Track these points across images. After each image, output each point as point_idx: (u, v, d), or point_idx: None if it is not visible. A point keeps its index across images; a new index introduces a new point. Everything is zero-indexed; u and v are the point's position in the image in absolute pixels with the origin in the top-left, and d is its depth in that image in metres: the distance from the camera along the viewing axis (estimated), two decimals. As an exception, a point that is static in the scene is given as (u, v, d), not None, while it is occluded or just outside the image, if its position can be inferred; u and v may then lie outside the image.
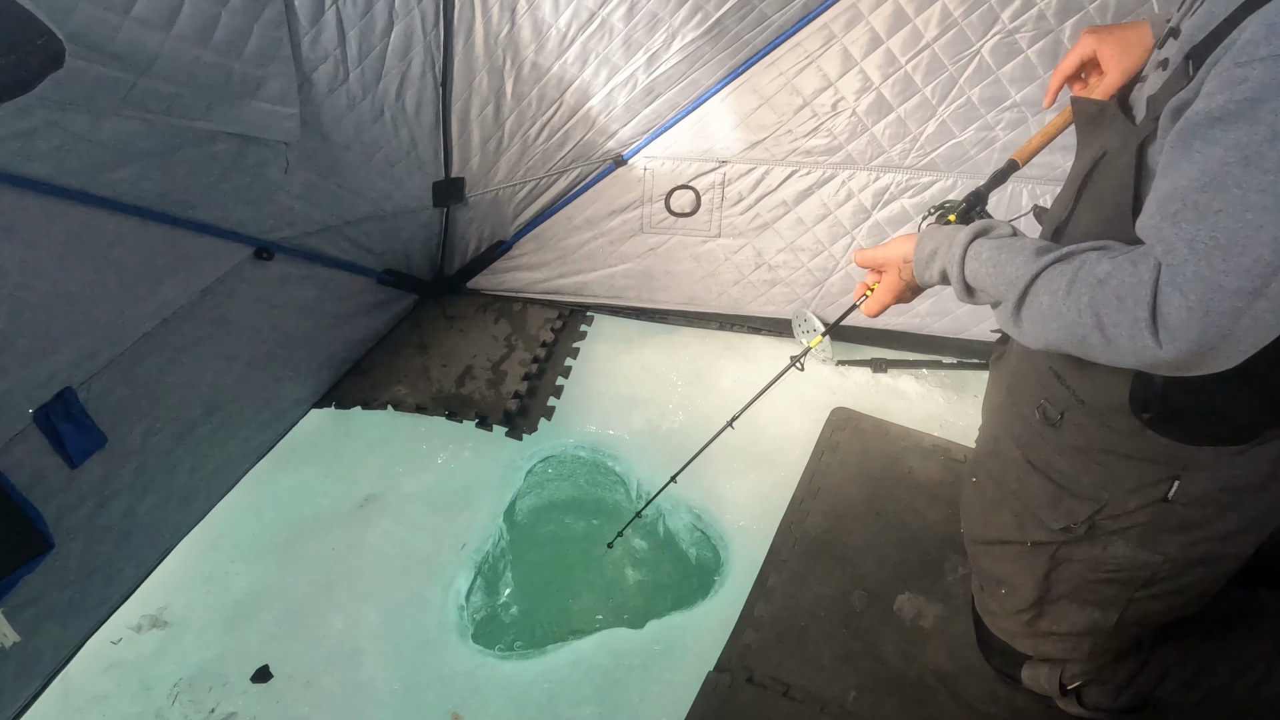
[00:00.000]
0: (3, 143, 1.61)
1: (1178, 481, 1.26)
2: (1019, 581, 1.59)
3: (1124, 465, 1.30)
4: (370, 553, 2.57)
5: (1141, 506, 1.31)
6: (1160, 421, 1.22)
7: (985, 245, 1.18)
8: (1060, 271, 1.04)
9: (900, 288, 1.45)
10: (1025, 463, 1.46)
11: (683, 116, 2.76)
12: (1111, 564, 1.41)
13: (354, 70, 2.18)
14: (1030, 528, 1.50)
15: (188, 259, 2.19)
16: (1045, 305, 1.05)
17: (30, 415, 1.88)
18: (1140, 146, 1.11)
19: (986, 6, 2.39)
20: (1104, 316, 0.97)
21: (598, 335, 3.27)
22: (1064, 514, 1.41)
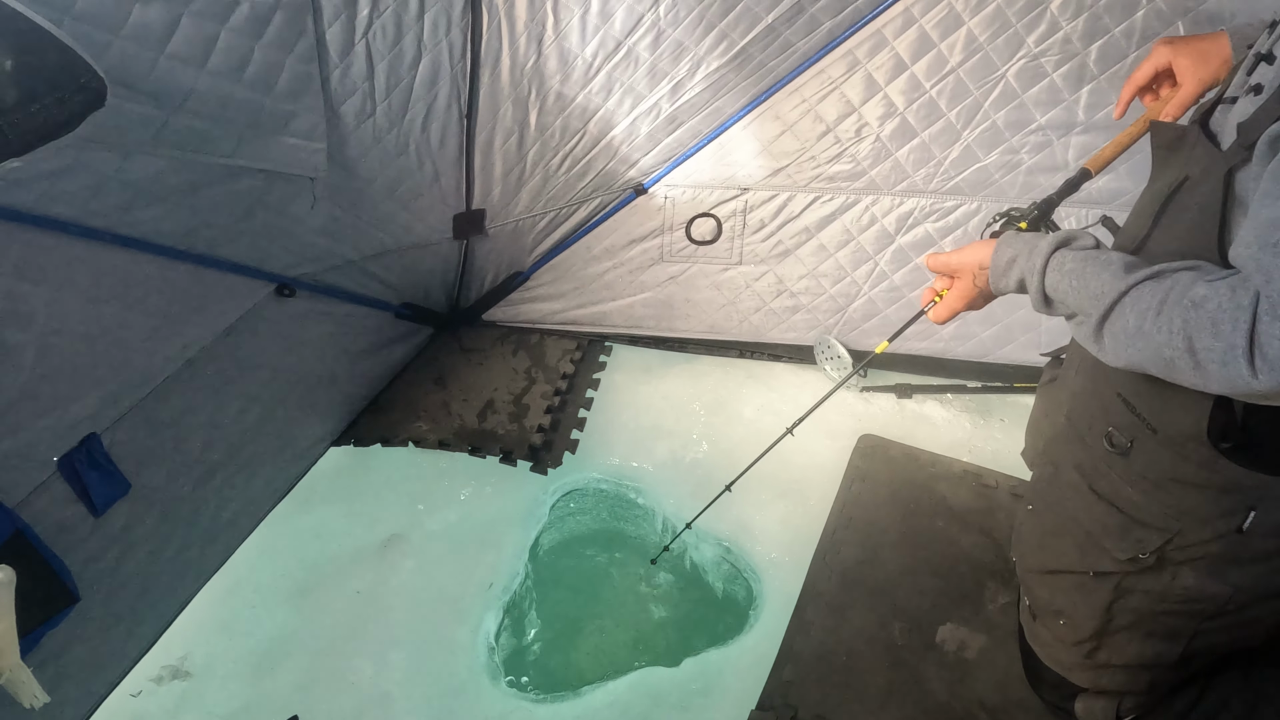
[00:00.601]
0: (30, 183, 1.56)
1: (1254, 512, 1.22)
2: (1079, 612, 1.55)
3: (1198, 495, 1.26)
4: (395, 595, 2.50)
5: (1214, 537, 1.28)
6: (1238, 451, 1.18)
7: (1069, 257, 1.16)
8: (1151, 290, 1.01)
9: (973, 295, 1.41)
10: (1089, 491, 1.42)
11: (705, 144, 2.74)
12: (1179, 595, 1.37)
13: (381, 103, 2.15)
14: (1094, 557, 1.45)
15: (211, 297, 2.14)
16: (1132, 324, 1.02)
17: (55, 463, 1.82)
18: (1229, 173, 1.08)
19: (1011, 31, 2.39)
20: (1196, 341, 0.94)
21: (617, 365, 3.22)
22: (1133, 544, 1.37)
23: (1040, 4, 2.34)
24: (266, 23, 1.72)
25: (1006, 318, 2.90)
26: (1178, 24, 2.30)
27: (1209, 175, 1.12)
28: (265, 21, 1.72)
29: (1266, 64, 1.08)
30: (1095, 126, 2.51)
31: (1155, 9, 2.29)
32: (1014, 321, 2.91)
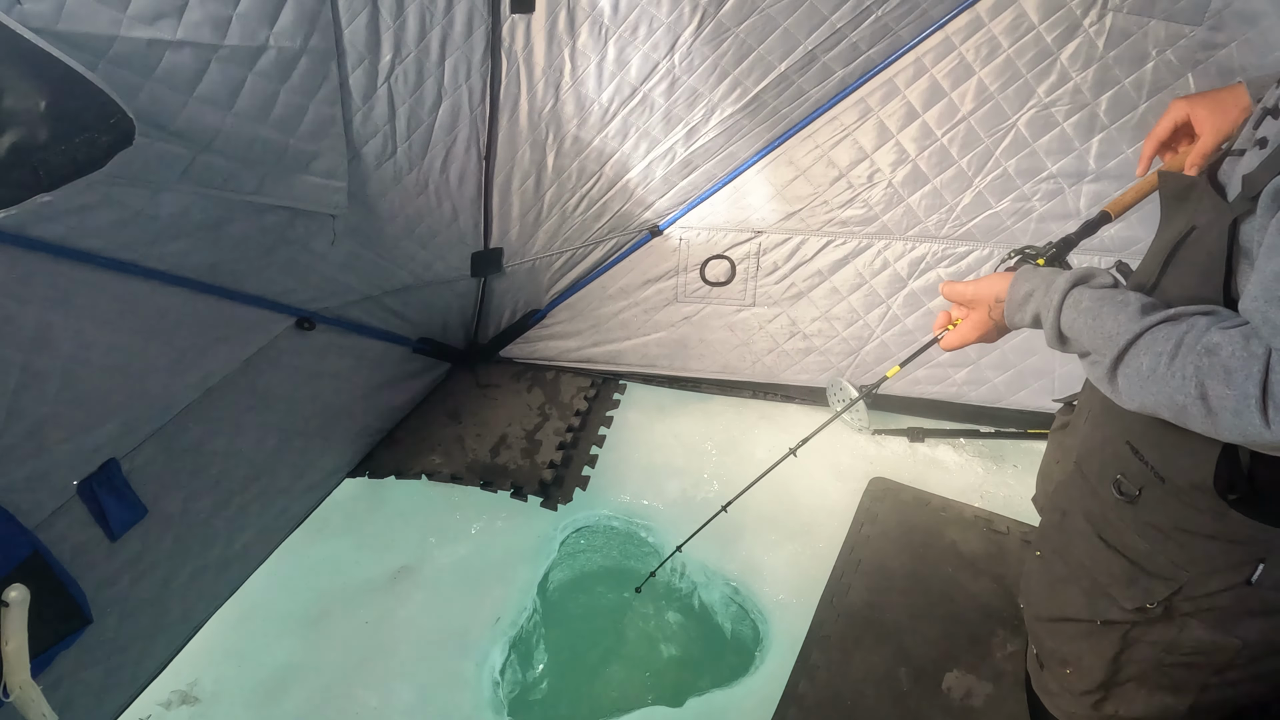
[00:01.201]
0: (62, 217, 1.63)
1: (1262, 565, 1.21)
2: (1086, 662, 1.53)
3: (1206, 545, 1.25)
4: (403, 627, 2.52)
5: (1223, 589, 1.26)
6: (1246, 502, 1.18)
7: (1086, 294, 1.16)
8: (1166, 334, 1.02)
9: (988, 327, 1.41)
10: (1098, 538, 1.42)
11: (719, 188, 2.79)
12: (1187, 647, 1.35)
13: (402, 144, 2.22)
14: (1102, 606, 1.44)
15: (233, 329, 2.20)
16: (1146, 367, 1.03)
17: (75, 487, 1.87)
18: (1234, 224, 1.10)
19: (1022, 81, 2.43)
20: (1209, 388, 0.95)
21: (631, 404, 3.25)
22: (1140, 593, 1.35)
23: (1050, 55, 2.38)
24: (292, 68, 1.80)
25: (1020, 363, 2.90)
26: (1187, 76, 2.33)
27: (1214, 226, 1.13)
28: (291, 67, 1.80)
29: (1272, 118, 1.10)
30: (1106, 175, 2.53)
31: (1165, 60, 2.32)
32: (1027, 368, 2.91)
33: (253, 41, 1.69)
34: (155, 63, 1.56)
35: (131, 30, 1.49)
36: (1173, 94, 2.36)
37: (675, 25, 2.29)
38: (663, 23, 2.28)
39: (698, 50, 2.36)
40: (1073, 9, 2.30)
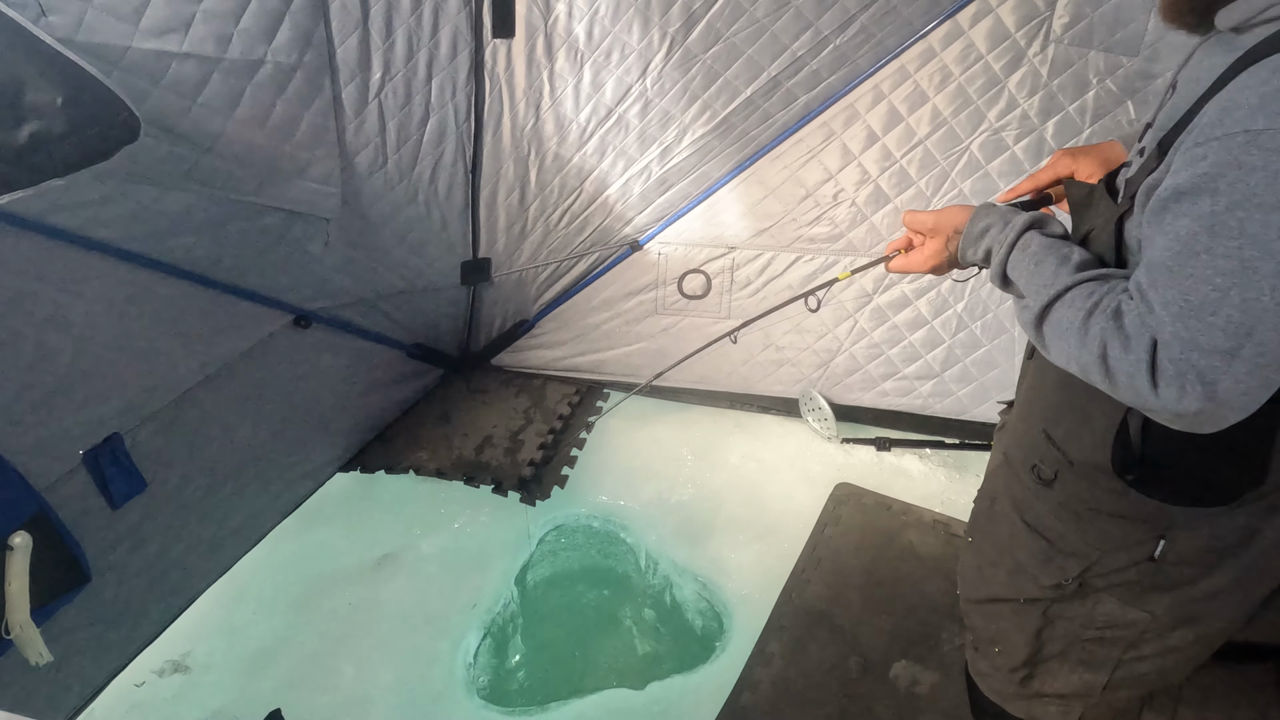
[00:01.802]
0: (79, 208, 1.83)
1: (1164, 541, 1.30)
2: (1012, 639, 1.62)
3: (1112, 524, 1.34)
4: (384, 608, 2.67)
5: (1130, 565, 1.35)
6: (1143, 482, 1.26)
7: (1035, 239, 1.20)
8: (1088, 291, 1.08)
9: (942, 259, 1.41)
10: (1021, 521, 1.50)
11: (694, 205, 2.97)
12: (1101, 621, 1.44)
13: (392, 156, 2.42)
14: (1024, 584, 1.53)
15: (232, 322, 2.39)
16: (1065, 320, 1.08)
17: (80, 456, 2.05)
18: (1119, 222, 1.18)
19: (973, 108, 2.60)
20: (1110, 350, 1.01)
21: (613, 411, 3.41)
22: (1056, 571, 1.44)
23: (998, 83, 2.55)
24: (288, 81, 2.00)
25: (982, 377, 3.04)
26: (1127, 103, 2.49)
27: (1107, 225, 1.21)
28: (287, 80, 2.00)
29: (1150, 129, 1.21)
30: (1056, 196, 2.68)
31: (1106, 89, 2.49)
32: (989, 381, 3.04)
33: (252, 56, 1.90)
34: (163, 72, 1.76)
35: (142, 42, 1.70)
36: (1114, 120, 2.53)
37: (646, 51, 2.49)
38: (634, 49, 2.48)
39: (668, 75, 2.55)
40: (1017, 40, 2.47)
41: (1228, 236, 0.92)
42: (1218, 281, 0.92)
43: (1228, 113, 0.93)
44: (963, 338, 2.98)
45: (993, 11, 2.44)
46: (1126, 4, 2.34)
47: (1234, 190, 0.91)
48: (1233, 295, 0.92)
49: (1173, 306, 0.96)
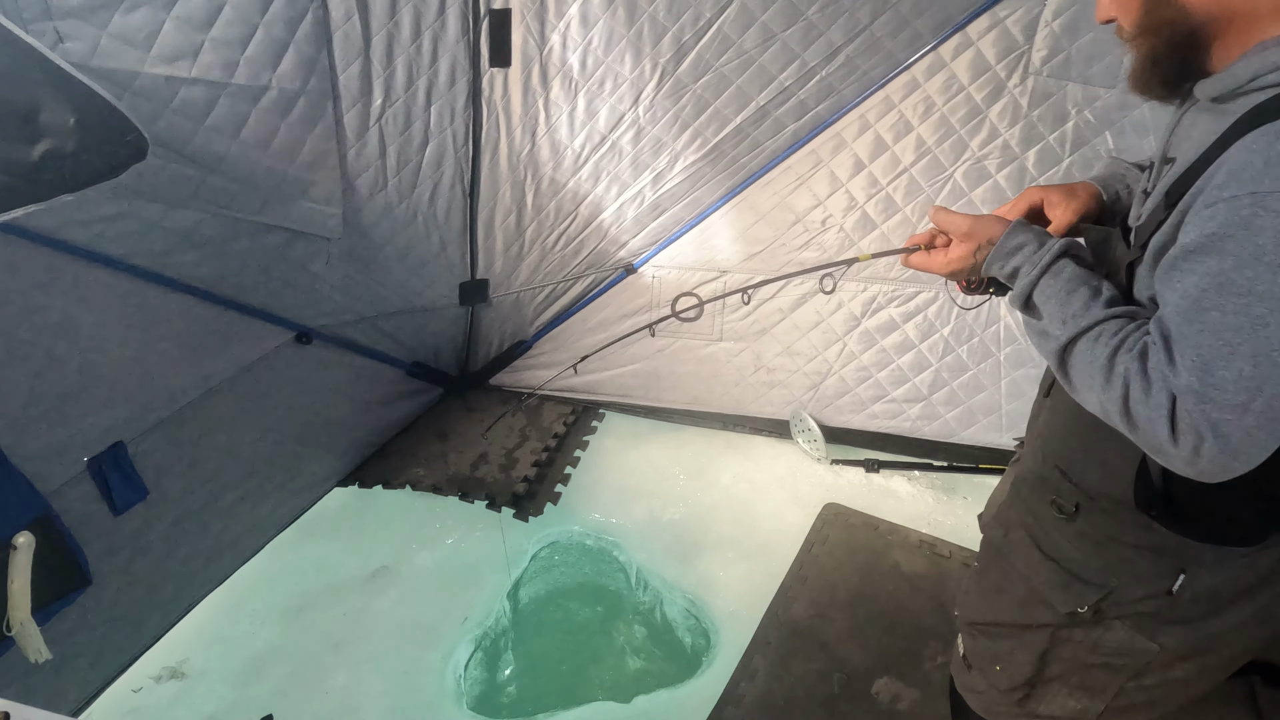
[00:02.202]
0: (89, 224, 1.92)
1: (1183, 575, 1.29)
2: (1016, 659, 1.61)
3: (1133, 554, 1.34)
4: (377, 620, 2.72)
5: (1147, 596, 1.35)
6: (1167, 517, 1.26)
7: (1069, 266, 1.18)
8: (1117, 328, 1.08)
9: (965, 266, 1.36)
10: (1037, 551, 1.49)
11: (687, 230, 3.05)
12: (1109, 648, 1.44)
13: (392, 179, 2.51)
14: (1036, 611, 1.52)
15: (235, 337, 2.48)
16: (1091, 355, 1.08)
17: (85, 463, 2.12)
18: (1129, 267, 1.20)
19: (956, 137, 2.68)
20: (1132, 391, 1.01)
21: (607, 431, 3.48)
22: (1073, 598, 1.43)
23: (980, 113, 2.63)
24: (291, 106, 2.11)
25: (969, 400, 3.09)
26: (1105, 133, 2.56)
27: (1118, 270, 1.23)
28: (290, 105, 2.10)
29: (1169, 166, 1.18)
30: (1038, 223, 2.74)
31: (1084, 119, 2.57)
32: (976, 404, 3.09)
33: (257, 81, 2.00)
34: (172, 96, 1.86)
35: (153, 68, 1.80)
36: (1093, 149, 2.60)
37: (638, 81, 2.59)
38: (626, 78, 2.58)
39: (659, 103, 2.65)
40: (998, 72, 2.56)
41: (1237, 294, 0.94)
42: (1228, 337, 0.95)
43: (1234, 176, 0.96)
44: (949, 361, 3.04)
45: (973, 45, 2.53)
46: (1102, 38, 2.43)
47: (1242, 249, 0.94)
48: (1243, 350, 0.94)
49: (1186, 360, 0.97)
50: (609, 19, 2.45)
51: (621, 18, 2.45)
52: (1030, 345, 2.83)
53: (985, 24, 2.49)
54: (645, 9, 2.44)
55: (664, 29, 2.48)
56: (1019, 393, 3.03)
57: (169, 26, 1.79)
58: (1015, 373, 3.00)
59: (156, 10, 1.76)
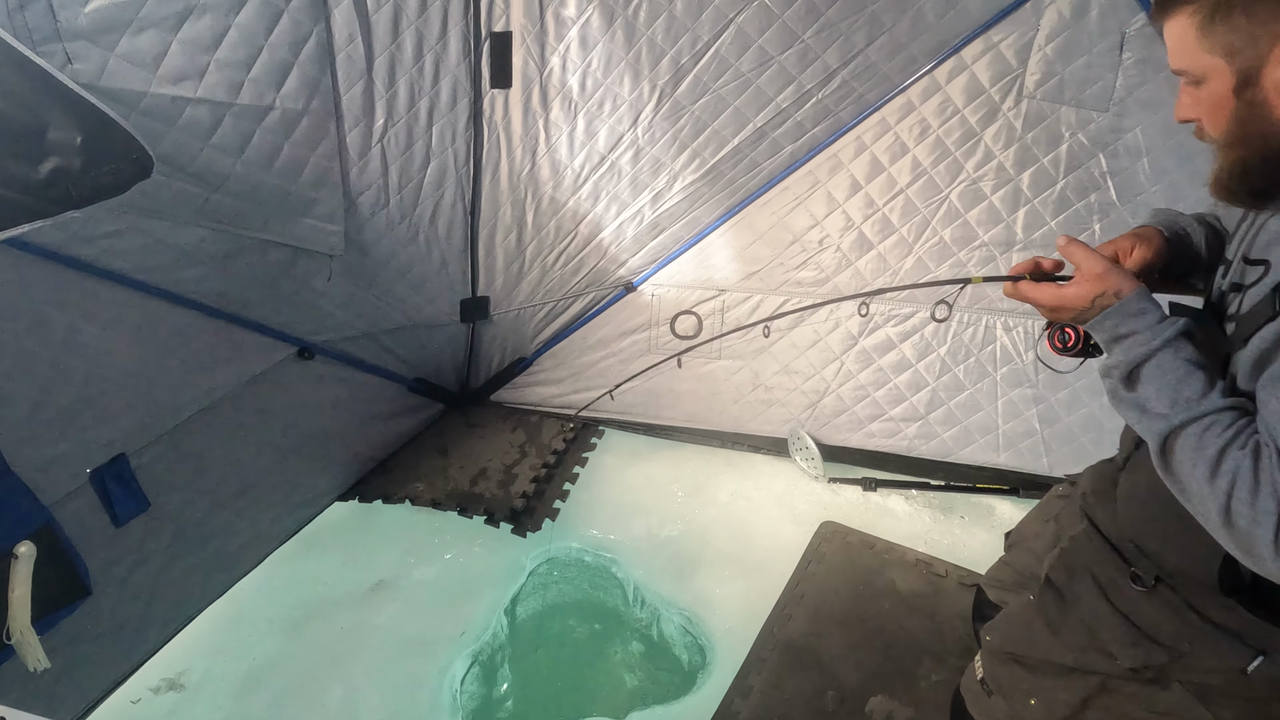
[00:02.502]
0: (96, 240, 1.97)
1: (1261, 658, 1.27)
2: (1057, 696, 1.58)
3: (1212, 630, 1.31)
4: (375, 633, 2.74)
5: (1219, 670, 1.33)
6: (1254, 603, 1.24)
7: (1187, 348, 1.13)
8: (1230, 421, 1.04)
9: (1078, 308, 1.24)
10: (1106, 602, 1.46)
11: (686, 249, 3.09)
12: (1162, 706, 1.42)
13: (394, 197, 2.56)
14: (1094, 659, 1.50)
15: (238, 352, 2.52)
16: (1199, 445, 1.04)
17: (87, 474, 2.16)
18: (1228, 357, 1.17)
19: (952, 158, 2.71)
20: (1238, 489, 0.98)
21: (607, 447, 3.50)
22: (1141, 655, 1.41)
23: (975, 136, 2.66)
24: (295, 126, 2.15)
25: (965, 420, 3.10)
26: (1099, 155, 2.59)
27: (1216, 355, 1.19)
28: (294, 125, 2.15)
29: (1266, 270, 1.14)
30: (1034, 244, 2.78)
31: (1078, 141, 2.60)
32: (973, 424, 3.10)
33: (261, 101, 2.05)
34: (178, 115, 1.91)
35: (159, 88, 1.85)
36: (1087, 172, 2.63)
37: (636, 102, 2.63)
38: (625, 100, 2.62)
39: (658, 124, 2.69)
40: (992, 95, 2.59)
41: None
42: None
43: None
44: (946, 381, 3.06)
45: (968, 68, 2.57)
46: (1096, 62, 2.46)
47: None
48: None
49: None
50: (608, 42, 2.50)
51: (620, 41, 2.50)
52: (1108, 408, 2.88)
53: (979, 48, 2.53)
54: (644, 32, 2.49)
55: (662, 52, 2.53)
56: (1015, 412, 3.04)
57: (175, 48, 1.84)
58: (1012, 392, 3.02)
59: (164, 32, 1.81)
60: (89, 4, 1.69)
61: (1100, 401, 2.94)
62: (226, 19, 1.90)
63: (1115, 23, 2.38)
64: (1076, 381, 2.94)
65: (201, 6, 1.85)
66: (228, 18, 1.90)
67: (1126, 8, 2.35)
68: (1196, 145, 1.18)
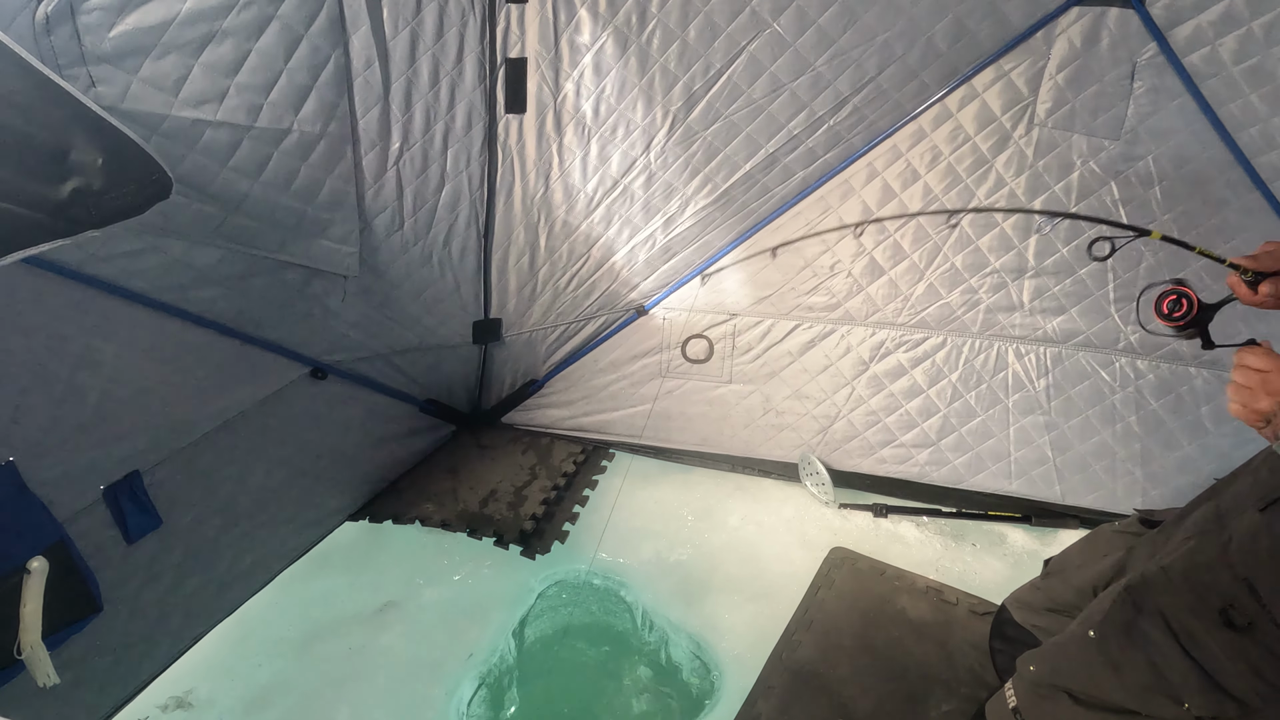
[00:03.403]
0: (115, 259, 2.00)
1: None
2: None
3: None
4: (382, 655, 2.73)
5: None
6: None
7: None
8: None
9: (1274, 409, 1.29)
10: (1178, 646, 1.45)
11: (697, 273, 3.10)
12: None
13: (409, 219, 2.59)
14: (1156, 701, 1.49)
15: (252, 371, 2.54)
16: None
17: (101, 491, 2.18)
18: None
19: (963, 185, 2.72)
20: None
21: (617, 470, 3.50)
22: (1213, 705, 1.40)
23: (986, 163, 2.67)
24: (312, 149, 2.19)
25: (978, 446, 3.09)
26: (1110, 183, 2.59)
27: None
28: (311, 147, 2.18)
29: None
30: (1045, 271, 2.78)
31: (1089, 169, 2.60)
32: (985, 450, 3.09)
33: (280, 125, 2.08)
34: (198, 138, 1.94)
35: (180, 111, 1.88)
36: (1099, 199, 2.63)
37: (649, 128, 2.66)
38: (638, 125, 2.65)
39: (671, 149, 2.71)
40: (1003, 123, 2.61)
41: None
42: None
43: None
44: (958, 407, 3.05)
45: (979, 96, 2.58)
46: (1107, 90, 2.47)
47: None
48: None
49: None
50: (621, 68, 2.53)
51: (633, 67, 2.53)
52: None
53: (990, 76, 2.55)
54: (657, 59, 2.52)
55: (675, 78, 2.56)
56: (1027, 439, 3.03)
57: (197, 72, 1.88)
58: (1024, 419, 3.01)
59: (185, 57, 1.85)
60: (114, 29, 1.73)
61: (1113, 429, 2.92)
62: (247, 44, 1.94)
63: (1126, 52, 2.40)
64: (1089, 409, 2.93)
65: (223, 32, 1.89)
66: (248, 42, 1.94)
67: (1138, 37, 2.37)
68: (1208, 174, 1.19)
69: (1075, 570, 2.02)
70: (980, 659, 2.56)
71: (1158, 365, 2.82)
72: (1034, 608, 2.15)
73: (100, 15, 1.70)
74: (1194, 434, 2.86)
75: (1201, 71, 2.34)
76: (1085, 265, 2.73)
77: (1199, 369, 2.78)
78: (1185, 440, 2.88)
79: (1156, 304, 1.54)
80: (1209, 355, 2.75)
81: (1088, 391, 2.91)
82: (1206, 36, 2.28)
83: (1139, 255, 2.66)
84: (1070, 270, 2.76)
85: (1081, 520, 3.09)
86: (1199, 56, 2.32)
